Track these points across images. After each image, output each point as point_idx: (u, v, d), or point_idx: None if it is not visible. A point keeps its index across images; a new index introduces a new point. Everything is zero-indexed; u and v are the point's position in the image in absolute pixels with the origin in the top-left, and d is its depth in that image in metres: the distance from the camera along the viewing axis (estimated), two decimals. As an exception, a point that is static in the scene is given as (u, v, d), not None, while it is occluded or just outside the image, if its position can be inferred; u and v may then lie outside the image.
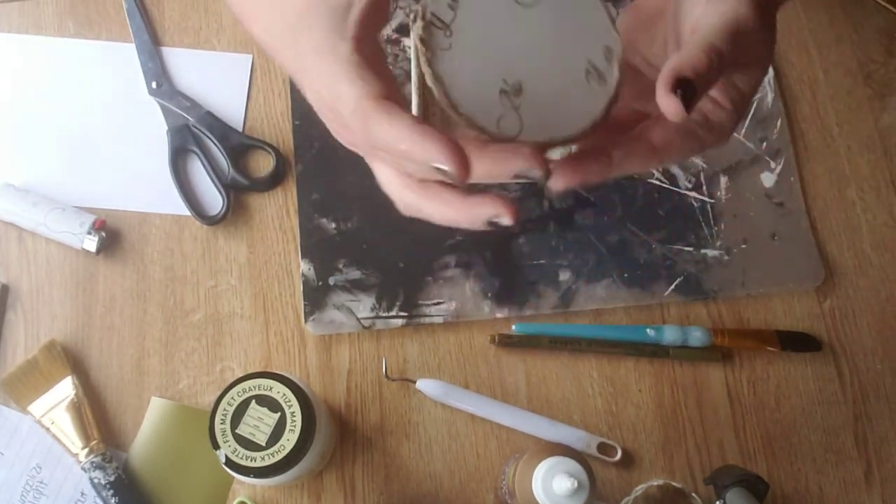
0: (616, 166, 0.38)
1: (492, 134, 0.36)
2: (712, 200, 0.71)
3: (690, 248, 0.70)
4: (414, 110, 0.43)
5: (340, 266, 0.67)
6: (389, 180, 0.39)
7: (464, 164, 0.33)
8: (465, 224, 0.37)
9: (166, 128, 0.70)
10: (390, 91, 0.36)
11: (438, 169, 0.33)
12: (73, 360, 0.64)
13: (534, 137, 0.36)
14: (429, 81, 0.35)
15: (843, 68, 0.77)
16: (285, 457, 0.52)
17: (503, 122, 0.36)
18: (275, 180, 0.70)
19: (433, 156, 0.33)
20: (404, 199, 0.38)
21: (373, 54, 0.37)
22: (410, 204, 0.38)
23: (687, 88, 0.35)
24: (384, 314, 0.66)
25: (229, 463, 0.52)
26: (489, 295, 0.67)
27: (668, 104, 0.35)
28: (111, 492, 0.60)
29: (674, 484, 0.62)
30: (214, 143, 0.70)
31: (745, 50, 0.37)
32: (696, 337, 0.66)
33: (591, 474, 0.54)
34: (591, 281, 0.68)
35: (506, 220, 0.36)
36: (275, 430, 0.52)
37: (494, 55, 0.37)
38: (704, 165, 0.72)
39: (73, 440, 0.61)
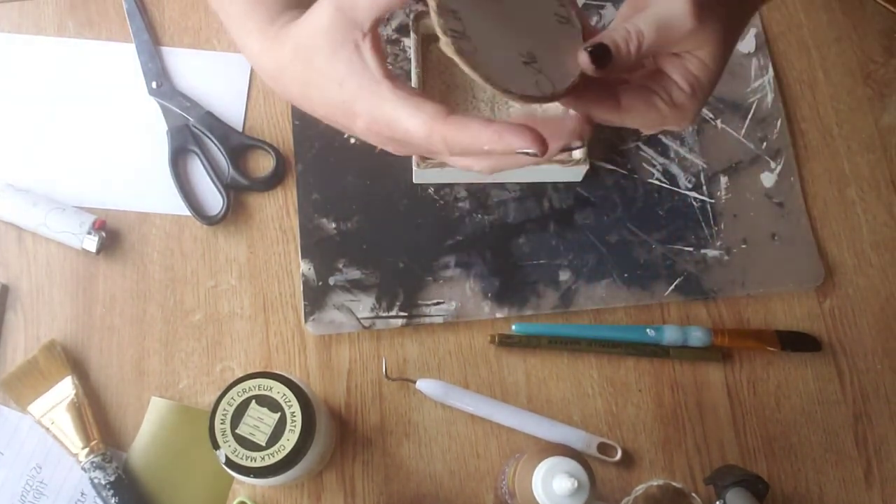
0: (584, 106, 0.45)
1: (540, 99, 0.42)
2: (712, 200, 0.71)
3: (690, 248, 0.70)
4: None
5: (340, 266, 0.67)
6: (463, 163, 0.44)
7: (542, 140, 0.39)
8: (545, 159, 0.41)
9: (166, 128, 0.70)
10: (442, 104, 0.41)
11: (525, 153, 0.39)
12: (73, 360, 0.64)
13: (564, 86, 0.43)
14: (482, 82, 0.40)
15: (843, 68, 0.77)
16: (285, 457, 0.52)
17: (540, 86, 0.42)
18: (275, 180, 0.70)
19: (515, 145, 0.39)
20: (484, 168, 0.44)
21: (397, 77, 0.42)
22: (491, 168, 0.43)
23: (599, 51, 0.42)
24: (384, 314, 0.66)
25: (229, 463, 0.52)
26: (489, 295, 0.67)
27: (580, 56, 0.42)
28: (111, 492, 0.60)
29: (674, 484, 0.62)
30: (214, 143, 0.70)
31: (676, 41, 0.43)
32: (696, 337, 0.66)
33: (591, 474, 0.54)
34: (591, 281, 0.68)
35: (577, 143, 0.42)
36: (275, 430, 0.52)
37: (502, 39, 0.42)
38: (704, 165, 0.72)
39: (73, 440, 0.61)
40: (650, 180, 0.72)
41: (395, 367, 0.66)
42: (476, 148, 0.40)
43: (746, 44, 0.76)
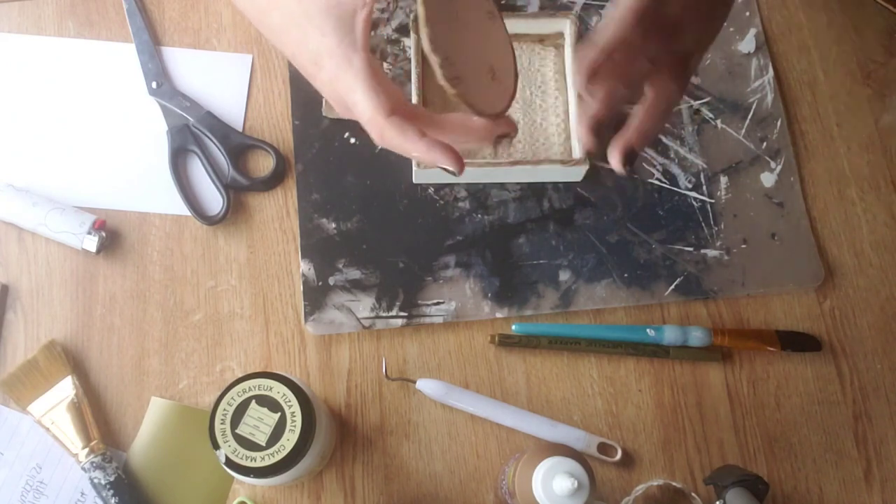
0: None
1: (510, 105, 0.47)
2: (712, 200, 0.71)
3: (690, 248, 0.70)
4: (414, 100, 0.66)
5: (340, 266, 0.67)
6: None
7: (461, 163, 0.45)
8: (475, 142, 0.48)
9: (166, 128, 0.70)
10: (396, 100, 0.45)
11: (443, 168, 0.45)
12: (73, 360, 0.64)
13: (512, 85, 0.48)
14: (477, 116, 0.46)
15: (843, 68, 0.77)
16: (285, 457, 0.52)
17: (505, 93, 0.47)
18: (275, 180, 0.70)
19: (439, 161, 0.45)
20: (420, 160, 0.49)
21: (373, 60, 0.46)
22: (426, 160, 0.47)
23: (630, 156, 0.50)
24: (384, 314, 0.66)
25: (229, 463, 0.52)
26: (489, 295, 0.67)
27: (615, 162, 0.50)
28: (111, 492, 0.60)
29: (674, 484, 0.62)
30: (214, 143, 0.70)
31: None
32: (696, 337, 0.66)
33: (591, 474, 0.54)
34: (591, 281, 0.68)
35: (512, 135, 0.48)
36: (275, 430, 0.52)
37: (475, 64, 0.46)
38: (704, 165, 0.72)
39: (73, 440, 0.61)
40: (650, 180, 0.71)
41: (395, 367, 0.66)
42: (404, 152, 0.45)
43: (746, 44, 0.76)
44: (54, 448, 0.62)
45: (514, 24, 0.71)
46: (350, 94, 0.45)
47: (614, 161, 0.50)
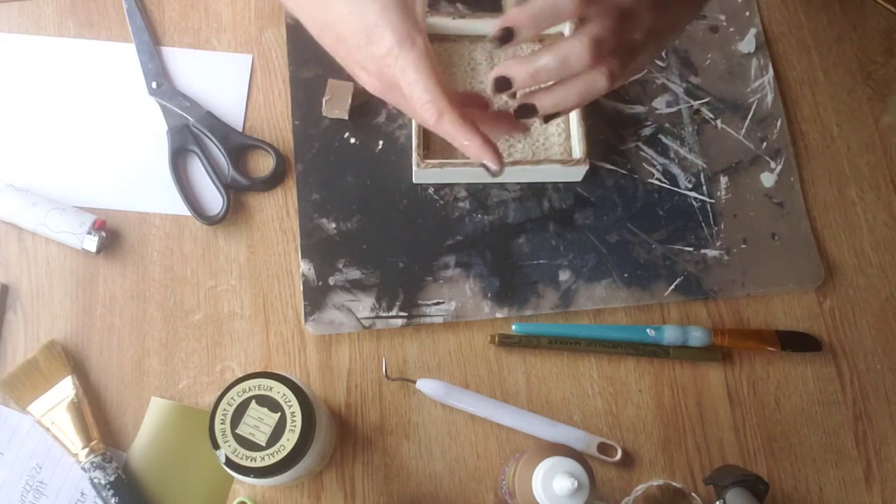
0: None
1: None
2: (712, 200, 0.71)
3: (690, 248, 0.70)
4: None
5: (340, 266, 0.67)
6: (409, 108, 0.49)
7: (503, 163, 0.48)
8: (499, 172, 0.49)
9: (166, 128, 0.70)
10: (449, 89, 0.46)
11: (483, 164, 0.47)
12: (73, 360, 0.64)
13: None
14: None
15: (843, 68, 0.77)
16: (285, 457, 0.52)
17: None
18: (275, 180, 0.70)
19: (485, 158, 0.47)
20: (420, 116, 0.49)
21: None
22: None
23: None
24: (384, 314, 0.66)
25: (229, 463, 0.51)
26: (489, 295, 0.67)
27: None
28: (111, 492, 0.60)
29: (674, 484, 0.62)
30: (214, 143, 0.70)
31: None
32: (697, 337, 0.66)
33: (591, 474, 0.54)
34: (591, 281, 0.68)
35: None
36: (275, 430, 0.52)
37: None
38: (704, 165, 0.72)
39: (73, 440, 0.61)
40: (650, 180, 0.72)
41: (395, 367, 0.66)
42: (455, 140, 0.46)
43: (746, 44, 0.76)
44: (54, 448, 0.62)
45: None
46: (409, 72, 0.45)
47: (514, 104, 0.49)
